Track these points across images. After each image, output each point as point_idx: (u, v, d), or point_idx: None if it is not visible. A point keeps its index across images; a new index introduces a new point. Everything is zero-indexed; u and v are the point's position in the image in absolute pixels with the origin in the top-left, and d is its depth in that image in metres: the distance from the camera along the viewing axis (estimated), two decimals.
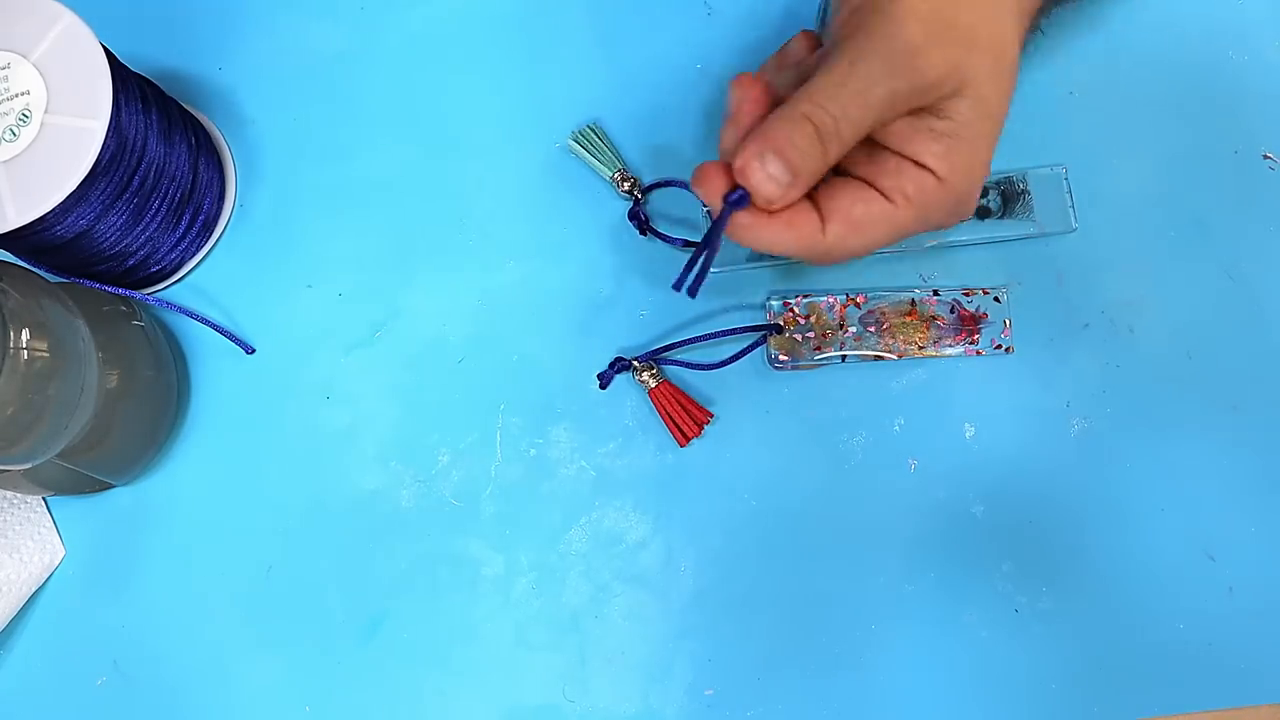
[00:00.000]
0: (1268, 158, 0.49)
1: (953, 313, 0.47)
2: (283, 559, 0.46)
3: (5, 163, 0.41)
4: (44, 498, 0.47)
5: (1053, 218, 0.47)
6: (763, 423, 0.47)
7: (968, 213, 0.40)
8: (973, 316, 0.47)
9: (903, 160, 0.38)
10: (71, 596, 0.47)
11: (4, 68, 0.42)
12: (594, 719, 0.44)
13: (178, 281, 0.49)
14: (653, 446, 0.47)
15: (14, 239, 0.42)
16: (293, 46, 0.52)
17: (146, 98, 0.44)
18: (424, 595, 0.46)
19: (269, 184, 0.50)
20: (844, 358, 0.47)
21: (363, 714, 0.45)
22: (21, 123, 0.41)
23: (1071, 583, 0.45)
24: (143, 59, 0.50)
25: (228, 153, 0.50)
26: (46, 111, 0.42)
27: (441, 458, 0.47)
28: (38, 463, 0.40)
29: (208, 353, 0.49)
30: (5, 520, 0.46)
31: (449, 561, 0.46)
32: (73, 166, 0.41)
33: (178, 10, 0.52)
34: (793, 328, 0.47)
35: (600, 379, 0.47)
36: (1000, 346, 0.47)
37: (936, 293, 0.47)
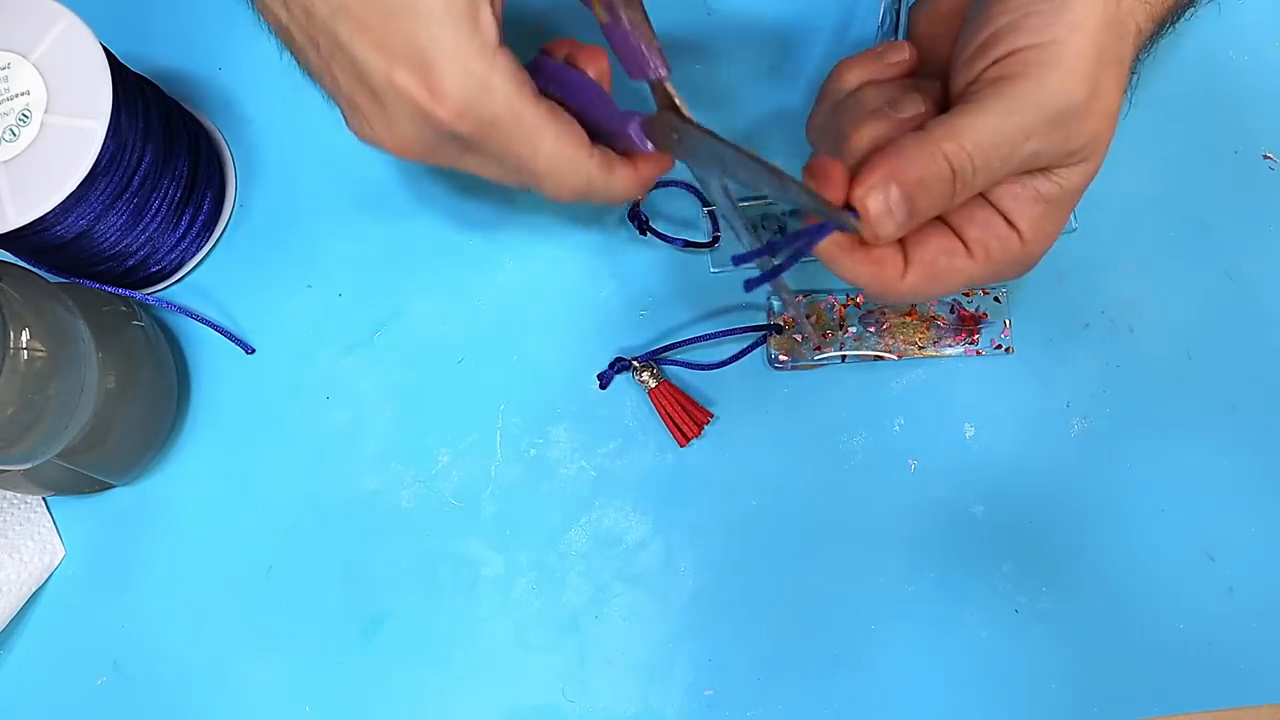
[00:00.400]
0: (1268, 158, 0.49)
1: (953, 313, 0.47)
2: (283, 559, 0.46)
3: (5, 163, 0.41)
4: (44, 498, 0.47)
5: None
6: (763, 423, 0.47)
7: (1028, 271, 0.38)
8: (973, 316, 0.47)
9: (995, 214, 0.36)
10: (71, 596, 0.47)
11: (4, 68, 0.42)
12: (594, 719, 0.44)
13: (178, 281, 0.49)
14: (653, 446, 0.47)
15: (14, 239, 0.42)
16: None
17: (146, 98, 0.44)
18: (424, 595, 0.46)
19: (269, 184, 0.50)
20: (844, 358, 0.47)
21: (363, 714, 0.45)
22: (21, 123, 0.41)
23: (1071, 583, 0.45)
24: (143, 59, 0.50)
25: (228, 153, 0.50)
26: (46, 112, 0.42)
27: (441, 458, 0.47)
28: (38, 463, 0.40)
29: (208, 353, 0.49)
30: (5, 520, 0.46)
31: (449, 561, 0.46)
32: (73, 166, 0.41)
33: (178, 10, 0.52)
34: (793, 328, 0.47)
35: (600, 379, 0.47)
36: (1000, 346, 0.47)
37: None
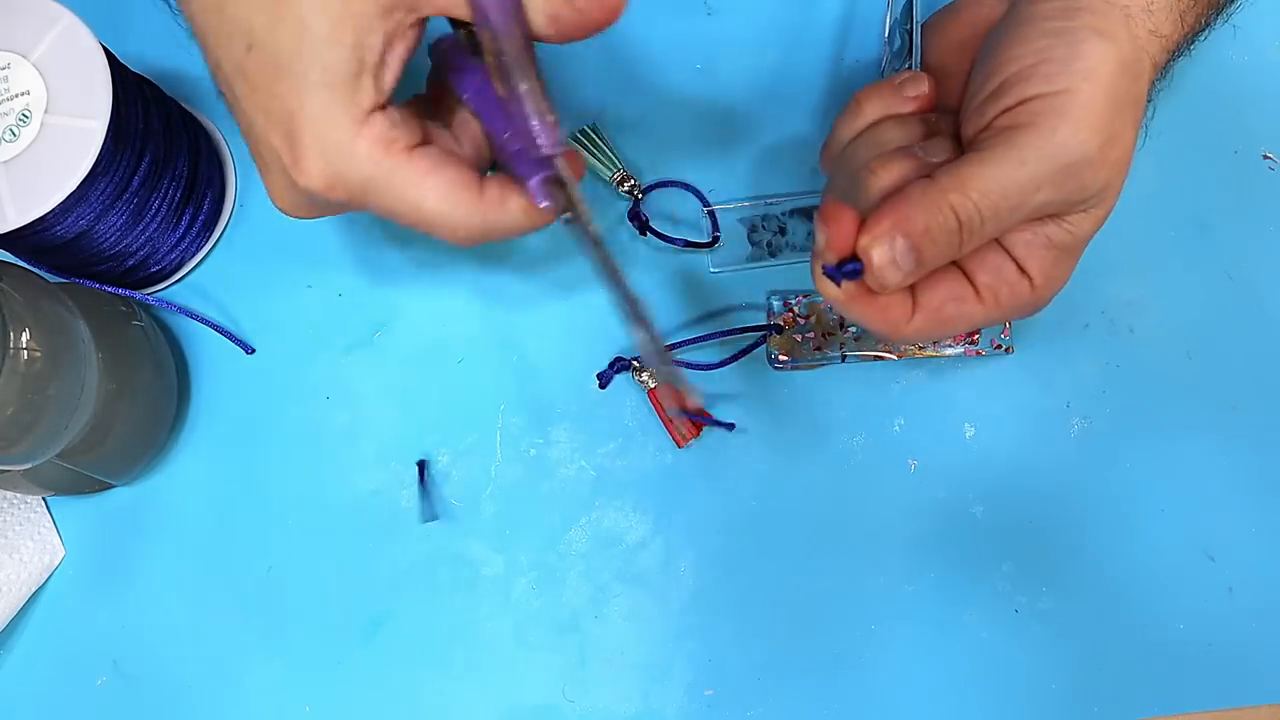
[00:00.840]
0: (1268, 158, 0.49)
1: None
2: (283, 559, 0.46)
3: (5, 163, 0.41)
4: (44, 498, 0.47)
5: None
6: (762, 423, 0.47)
7: (1036, 313, 0.38)
8: None
9: (1006, 259, 0.36)
10: (71, 596, 0.47)
11: (4, 68, 0.42)
12: (594, 719, 0.44)
13: (178, 281, 0.49)
14: (652, 447, 0.47)
15: (14, 239, 0.42)
16: None
17: (146, 98, 0.44)
18: (424, 595, 0.46)
19: None
20: (844, 358, 0.47)
21: (363, 714, 0.45)
22: (21, 123, 0.41)
23: (1071, 583, 0.45)
24: (143, 59, 0.50)
25: (228, 153, 0.50)
26: (46, 111, 0.42)
27: (441, 458, 0.47)
28: (38, 463, 0.40)
29: (208, 353, 0.48)
30: (5, 520, 0.46)
31: (449, 561, 0.46)
32: (72, 166, 0.41)
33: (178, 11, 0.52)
34: (792, 328, 0.47)
35: (600, 379, 0.47)
36: (1000, 347, 0.47)
37: None
